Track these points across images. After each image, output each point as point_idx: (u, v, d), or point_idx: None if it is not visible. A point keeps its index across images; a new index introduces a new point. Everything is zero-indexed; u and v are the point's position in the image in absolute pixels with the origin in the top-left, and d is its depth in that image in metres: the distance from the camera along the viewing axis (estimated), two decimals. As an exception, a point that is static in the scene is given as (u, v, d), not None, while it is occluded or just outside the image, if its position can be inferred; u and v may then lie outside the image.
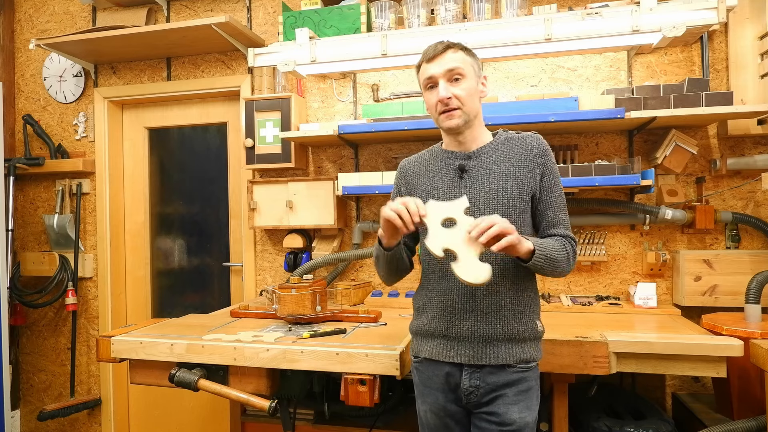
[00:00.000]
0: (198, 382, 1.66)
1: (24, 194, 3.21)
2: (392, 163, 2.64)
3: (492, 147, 1.42)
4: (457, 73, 1.36)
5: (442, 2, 2.24)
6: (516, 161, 1.39)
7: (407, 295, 2.40)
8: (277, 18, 2.63)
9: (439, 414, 1.40)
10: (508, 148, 1.41)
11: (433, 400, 1.40)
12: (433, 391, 1.40)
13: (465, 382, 1.35)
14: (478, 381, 1.34)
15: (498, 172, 1.38)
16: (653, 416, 1.95)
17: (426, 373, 1.41)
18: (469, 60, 1.38)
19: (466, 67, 1.37)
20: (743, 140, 2.30)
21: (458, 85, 1.36)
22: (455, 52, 1.37)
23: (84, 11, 3.11)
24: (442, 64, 1.36)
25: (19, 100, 3.22)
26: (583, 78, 2.45)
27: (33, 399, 3.23)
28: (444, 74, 1.36)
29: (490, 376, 1.34)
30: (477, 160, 1.41)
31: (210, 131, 3.09)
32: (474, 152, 1.42)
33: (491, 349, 1.34)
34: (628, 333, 1.75)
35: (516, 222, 1.32)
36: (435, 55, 1.37)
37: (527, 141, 1.42)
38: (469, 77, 1.37)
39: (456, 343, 1.36)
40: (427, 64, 1.39)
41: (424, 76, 1.41)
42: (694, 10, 1.90)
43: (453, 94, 1.35)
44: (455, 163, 1.42)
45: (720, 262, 2.20)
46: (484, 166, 1.40)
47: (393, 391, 2.12)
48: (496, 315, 1.34)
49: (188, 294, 3.16)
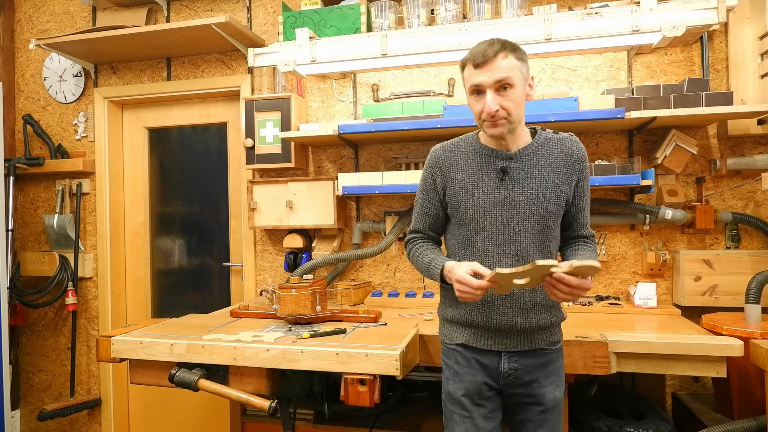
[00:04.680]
0: (198, 382, 1.65)
1: (24, 194, 3.21)
2: (392, 163, 2.64)
3: (533, 149, 1.41)
4: (507, 83, 1.31)
5: (442, 2, 2.24)
6: (556, 167, 1.40)
7: (407, 296, 2.40)
8: (277, 18, 2.63)
9: (471, 393, 1.45)
10: (548, 151, 1.41)
11: (471, 379, 1.45)
12: (472, 371, 1.45)
13: (504, 366, 1.43)
14: (516, 364, 1.43)
15: (539, 178, 1.39)
16: (653, 416, 1.95)
17: (466, 355, 1.47)
18: (518, 65, 1.32)
19: (515, 75, 1.31)
20: (743, 140, 2.29)
21: (506, 96, 1.32)
22: (505, 57, 1.30)
23: (84, 11, 3.11)
24: (491, 73, 1.30)
25: (19, 100, 3.22)
26: (583, 78, 2.45)
27: (33, 399, 3.23)
28: (492, 84, 1.31)
29: (525, 359, 1.43)
30: (518, 162, 1.40)
31: (210, 131, 3.09)
32: (516, 154, 1.40)
33: (526, 337, 1.43)
34: (628, 333, 1.75)
35: (551, 225, 1.41)
36: (485, 62, 1.30)
37: (567, 145, 1.42)
38: (518, 85, 1.32)
39: (493, 333, 1.43)
40: (475, 70, 1.33)
41: (471, 82, 1.35)
42: (694, 10, 1.90)
43: (501, 106, 1.31)
44: (497, 163, 1.40)
45: (720, 262, 2.20)
46: (525, 169, 1.40)
47: (393, 391, 2.12)
48: (532, 310, 1.42)
49: (188, 294, 3.16)
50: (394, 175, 2.31)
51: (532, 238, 1.39)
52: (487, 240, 1.40)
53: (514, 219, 1.38)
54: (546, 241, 1.41)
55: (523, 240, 1.39)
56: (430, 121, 2.24)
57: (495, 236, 1.40)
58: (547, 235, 1.41)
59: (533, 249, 1.39)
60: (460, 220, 1.45)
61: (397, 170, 2.46)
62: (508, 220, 1.39)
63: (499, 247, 1.40)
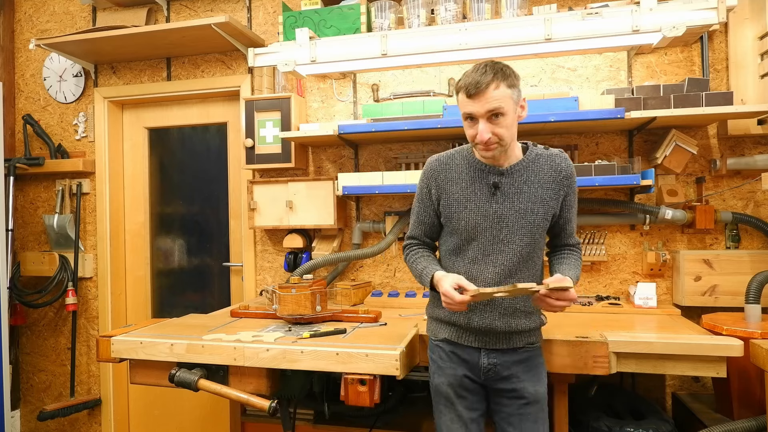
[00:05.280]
0: (198, 382, 1.66)
1: (24, 194, 3.21)
2: (392, 162, 2.64)
3: (524, 165, 1.48)
4: (498, 112, 1.36)
5: (442, 2, 2.24)
6: (545, 182, 1.48)
7: (407, 296, 2.40)
8: (277, 18, 2.63)
9: (454, 385, 1.53)
10: (538, 167, 1.48)
11: (451, 372, 1.54)
12: (452, 365, 1.54)
13: (483, 361, 1.51)
14: (495, 359, 1.51)
15: (528, 193, 1.47)
16: (653, 416, 1.95)
17: (445, 350, 1.56)
18: (509, 93, 1.37)
19: (507, 104, 1.37)
20: (743, 140, 2.29)
21: (498, 123, 1.37)
22: (497, 88, 1.35)
23: (84, 11, 3.11)
24: (483, 104, 1.36)
25: (19, 100, 3.22)
26: (583, 78, 2.45)
27: (33, 399, 3.23)
28: (485, 114, 1.37)
29: (503, 355, 1.51)
30: (510, 177, 1.47)
31: (210, 131, 3.09)
32: (507, 169, 1.48)
33: (505, 337, 1.51)
34: (628, 333, 1.74)
35: (537, 238, 1.49)
36: (477, 93, 1.35)
37: (556, 162, 1.49)
38: (509, 113, 1.38)
39: (474, 332, 1.52)
40: (468, 99, 1.38)
41: (464, 110, 1.41)
42: (694, 10, 1.90)
43: (493, 133, 1.38)
44: (489, 178, 1.48)
45: (720, 262, 2.20)
46: (516, 185, 1.47)
47: (393, 391, 2.12)
48: (512, 315, 1.50)
49: (188, 294, 3.16)
50: (394, 175, 2.31)
51: (519, 249, 1.47)
52: (476, 249, 1.49)
53: (503, 231, 1.46)
54: (532, 252, 1.49)
55: (510, 251, 1.47)
56: (430, 121, 2.24)
57: (484, 246, 1.48)
58: (534, 247, 1.49)
59: (519, 259, 1.48)
60: (452, 229, 1.53)
61: (397, 170, 2.46)
62: (498, 231, 1.47)
63: (488, 256, 1.48)
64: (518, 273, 1.48)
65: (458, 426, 1.52)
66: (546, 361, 1.69)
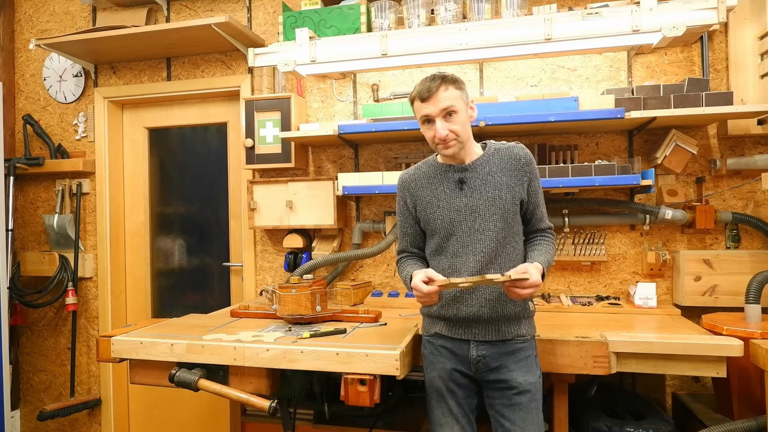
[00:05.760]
0: (198, 382, 1.65)
1: (24, 194, 3.21)
2: (392, 163, 2.64)
3: (485, 159, 1.58)
4: (451, 110, 1.50)
5: (442, 2, 2.24)
6: (507, 171, 1.57)
7: (407, 296, 2.40)
8: (277, 18, 2.63)
9: (444, 379, 1.58)
10: (499, 158, 1.58)
11: (441, 366, 1.59)
12: (442, 359, 1.59)
13: (473, 353, 1.55)
14: (484, 351, 1.55)
15: (493, 182, 1.55)
16: (653, 416, 1.95)
17: (436, 344, 1.61)
18: (458, 94, 1.51)
19: (457, 103, 1.50)
20: (743, 140, 2.29)
21: (452, 121, 1.50)
22: (446, 89, 1.49)
23: (84, 11, 3.11)
24: (436, 104, 1.49)
25: (19, 100, 3.22)
26: (583, 78, 2.45)
27: (33, 399, 3.23)
28: (439, 113, 1.50)
29: (493, 347, 1.55)
30: (473, 171, 1.57)
31: (210, 131, 3.09)
32: (470, 165, 1.58)
33: (493, 327, 1.55)
34: (628, 333, 1.75)
35: (511, 222, 1.55)
36: (429, 96, 1.49)
37: (515, 152, 1.59)
38: (461, 111, 1.51)
39: (463, 323, 1.57)
40: (422, 103, 1.51)
41: (420, 114, 1.54)
42: (694, 10, 1.91)
43: (449, 130, 1.50)
44: (455, 175, 1.58)
45: (720, 262, 2.20)
46: (480, 177, 1.56)
47: (393, 391, 2.12)
48: (497, 301, 1.54)
49: (188, 294, 3.16)
50: (394, 175, 2.31)
51: (495, 235, 1.53)
52: (456, 243, 1.56)
53: (477, 221, 1.54)
54: (508, 237, 1.56)
55: (486, 238, 1.53)
56: (430, 121, 2.24)
57: (462, 239, 1.55)
58: (509, 232, 1.55)
59: (497, 245, 1.54)
60: (432, 230, 1.61)
61: (397, 170, 2.46)
62: (473, 222, 1.54)
63: (467, 247, 1.55)
64: (498, 259, 1.53)
65: (449, 419, 1.57)
66: (546, 361, 1.70)
